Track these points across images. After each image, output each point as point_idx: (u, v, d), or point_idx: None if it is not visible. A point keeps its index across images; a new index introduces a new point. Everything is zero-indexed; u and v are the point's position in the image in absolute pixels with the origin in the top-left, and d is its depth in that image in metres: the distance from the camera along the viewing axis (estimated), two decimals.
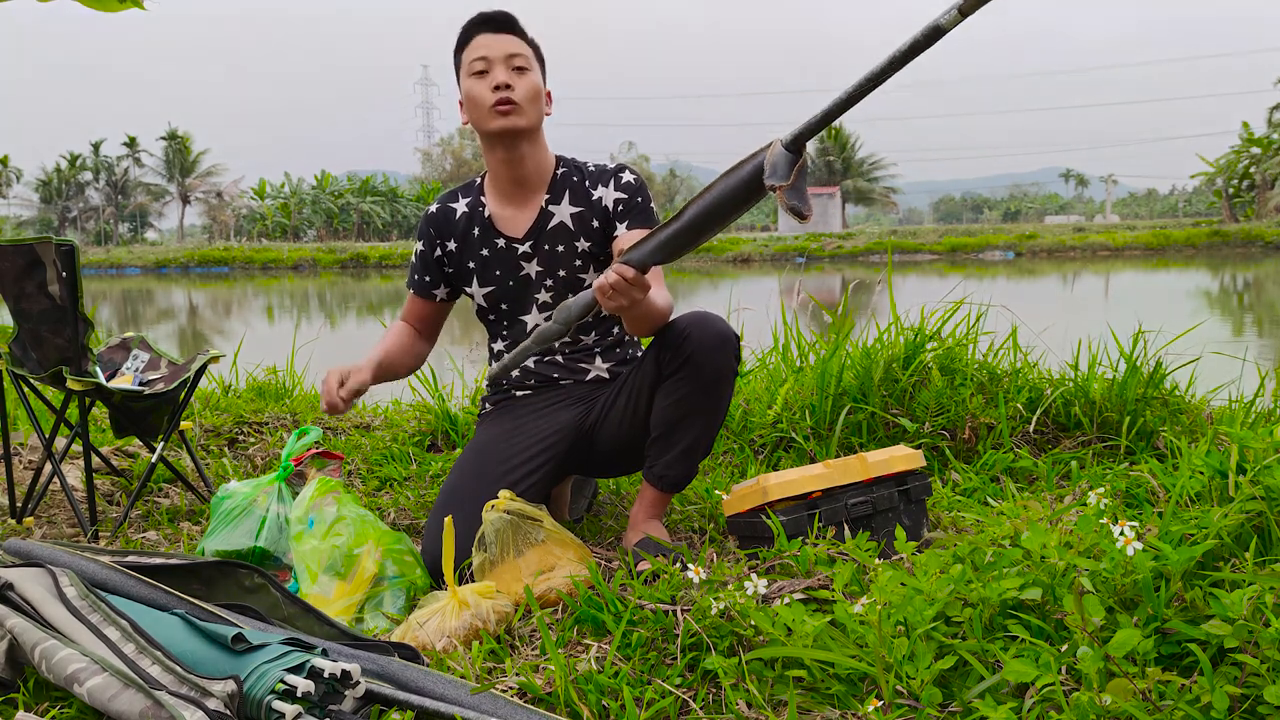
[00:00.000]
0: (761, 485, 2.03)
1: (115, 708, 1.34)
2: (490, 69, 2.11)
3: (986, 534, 1.69)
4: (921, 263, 32.84)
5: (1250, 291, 19.40)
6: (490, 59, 2.11)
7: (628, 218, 2.17)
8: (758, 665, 1.48)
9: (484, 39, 2.12)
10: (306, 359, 4.85)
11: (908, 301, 3.27)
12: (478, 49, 2.12)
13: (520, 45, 2.14)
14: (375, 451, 3.21)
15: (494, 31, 2.13)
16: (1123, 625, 1.32)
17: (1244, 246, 35.45)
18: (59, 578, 1.63)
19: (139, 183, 70.00)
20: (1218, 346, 3.21)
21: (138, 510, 2.71)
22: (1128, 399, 2.83)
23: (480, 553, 1.91)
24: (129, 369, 2.86)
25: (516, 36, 2.14)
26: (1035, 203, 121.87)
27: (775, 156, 1.51)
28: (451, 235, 2.28)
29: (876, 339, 3.12)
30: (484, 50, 2.11)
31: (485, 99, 2.10)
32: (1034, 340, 3.23)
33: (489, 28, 2.13)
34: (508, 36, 2.13)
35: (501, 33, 2.13)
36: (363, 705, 1.39)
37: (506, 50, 2.11)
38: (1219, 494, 1.85)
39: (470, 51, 2.13)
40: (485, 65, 2.11)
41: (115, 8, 2.40)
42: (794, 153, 1.49)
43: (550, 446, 2.17)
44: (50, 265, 2.41)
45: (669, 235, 1.69)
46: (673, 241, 1.69)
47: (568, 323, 1.88)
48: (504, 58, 2.11)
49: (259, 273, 39.72)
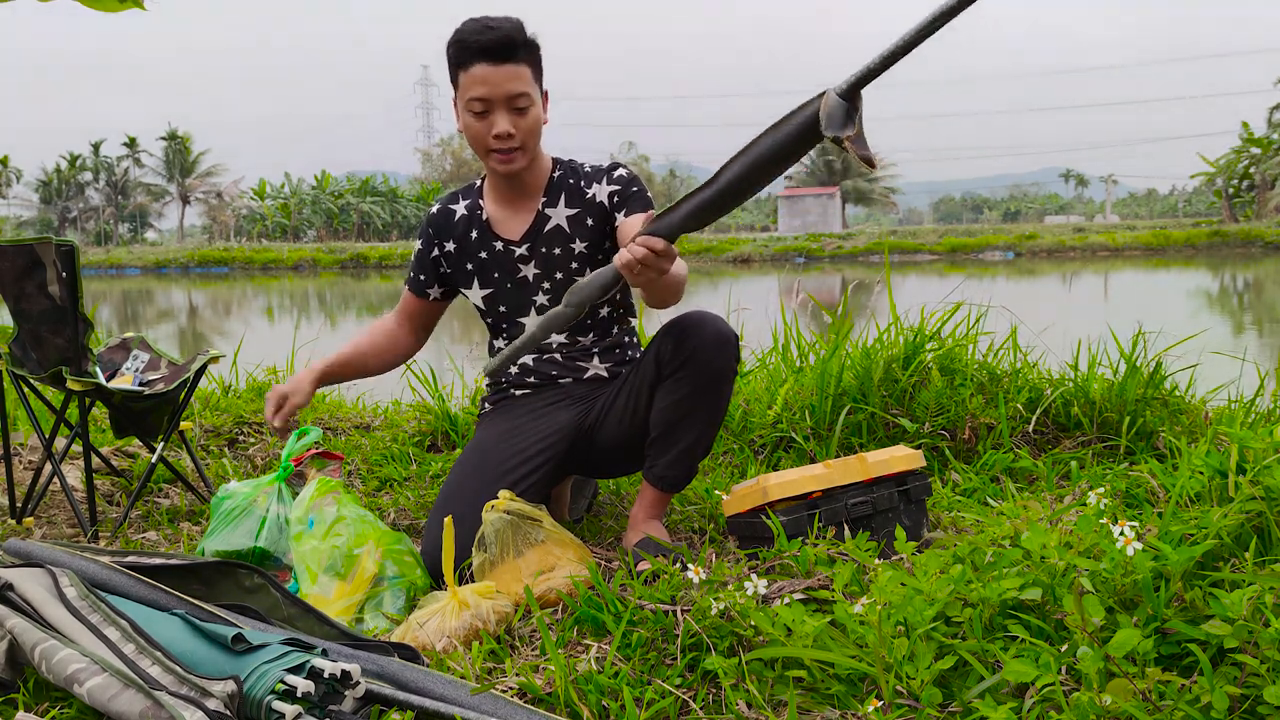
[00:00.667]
0: (761, 485, 2.03)
1: (115, 708, 1.34)
2: (490, 110, 2.02)
3: (986, 534, 1.69)
4: (921, 263, 32.84)
5: (1250, 292, 19.40)
6: (490, 99, 2.00)
7: (625, 205, 2.17)
8: (758, 665, 1.48)
9: (483, 71, 1.99)
10: (306, 359, 4.83)
11: (908, 302, 3.27)
12: (476, 84, 2.00)
13: (522, 77, 2.01)
14: (375, 452, 3.21)
15: (494, 62, 1.99)
16: (1123, 625, 1.32)
17: (1244, 246, 35.44)
18: (59, 578, 1.63)
19: (139, 183, 70.04)
20: (1217, 347, 3.21)
21: (138, 510, 2.71)
22: (1128, 399, 2.83)
23: (480, 553, 1.91)
24: (129, 369, 2.86)
25: (518, 64, 2.01)
26: (1035, 203, 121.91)
27: (831, 106, 1.45)
28: (450, 237, 2.28)
29: (876, 339, 3.12)
30: (483, 89, 2.00)
31: (485, 141, 2.06)
32: (1034, 340, 3.23)
33: (489, 58, 1.99)
34: (509, 67, 2.00)
35: (503, 63, 1.99)
36: (363, 705, 1.39)
37: (507, 89, 2.00)
38: (1219, 494, 1.85)
39: (468, 83, 2.01)
40: (484, 106, 2.02)
41: (115, 8, 2.40)
42: (850, 101, 1.45)
43: (550, 446, 2.17)
44: (50, 265, 2.41)
45: (704, 200, 1.62)
46: (709, 206, 1.63)
47: (581, 305, 1.79)
48: (504, 99, 2.00)
49: (259, 273, 39.71)
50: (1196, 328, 3.15)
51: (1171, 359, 2.96)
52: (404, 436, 3.38)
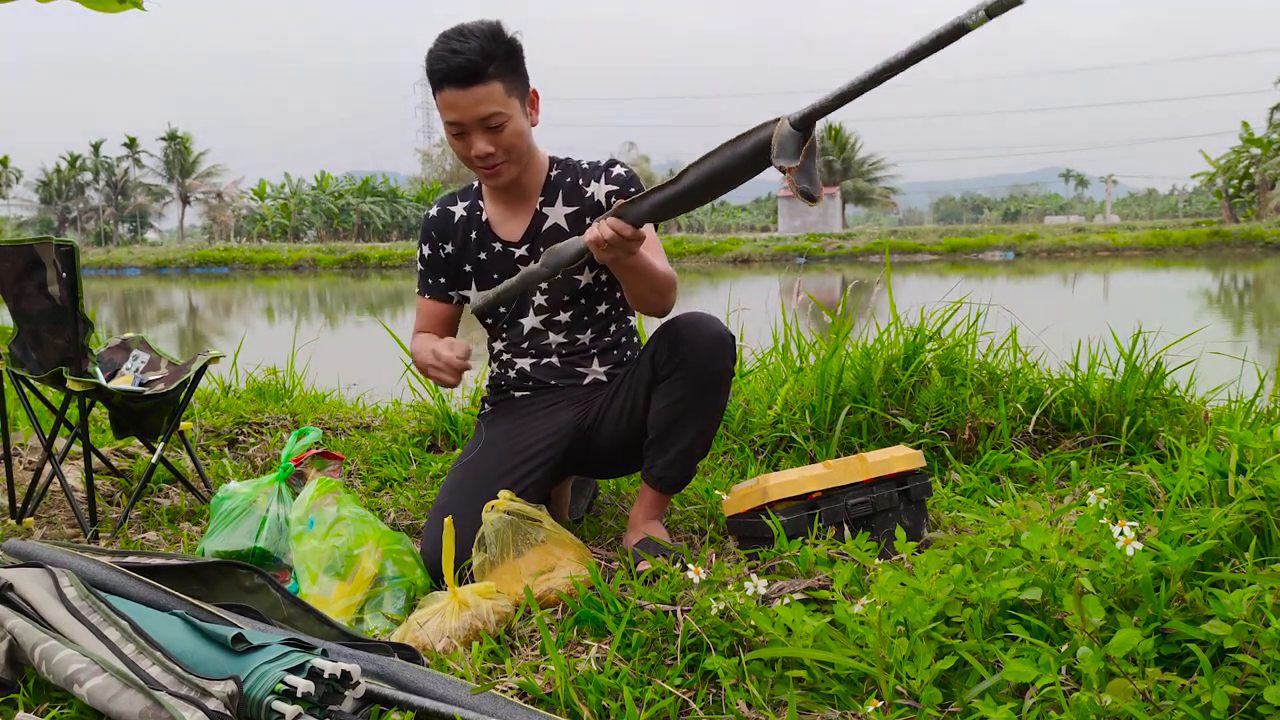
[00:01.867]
0: (761, 485, 2.03)
1: (115, 708, 1.34)
2: (465, 133, 2.02)
3: (986, 534, 1.69)
4: (921, 263, 32.84)
5: (1250, 292, 19.40)
6: (463, 123, 1.99)
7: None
8: (758, 665, 1.48)
9: (452, 95, 1.97)
10: (306, 359, 4.85)
11: (908, 302, 3.26)
12: (448, 108, 1.99)
13: (490, 97, 1.97)
14: (375, 452, 3.21)
15: (460, 87, 1.96)
16: (1123, 625, 1.32)
17: (1244, 247, 35.44)
18: (59, 578, 1.63)
19: (139, 183, 70.04)
20: (1217, 346, 3.21)
21: (138, 511, 2.71)
22: (1127, 399, 2.83)
23: (480, 553, 1.91)
24: (129, 369, 2.86)
25: (487, 85, 1.96)
26: (1035, 203, 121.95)
27: (783, 135, 1.47)
28: (450, 238, 2.28)
29: (876, 339, 3.11)
30: (454, 112, 1.98)
31: (468, 159, 2.07)
32: (1034, 340, 3.23)
33: (454, 84, 1.96)
34: (478, 89, 1.96)
35: (471, 85, 1.96)
36: (362, 706, 1.39)
37: (477, 113, 1.97)
38: (1219, 494, 1.85)
39: (441, 105, 2.01)
40: (458, 129, 2.02)
41: (115, 8, 2.40)
42: (802, 132, 1.46)
43: (549, 447, 2.17)
44: (50, 266, 2.41)
45: (666, 197, 1.69)
46: (669, 203, 1.70)
47: (555, 267, 1.88)
48: (476, 121, 1.99)
49: (259, 273, 39.72)
50: (1196, 328, 3.14)
51: (1171, 357, 2.96)
52: (404, 437, 3.38)
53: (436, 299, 2.30)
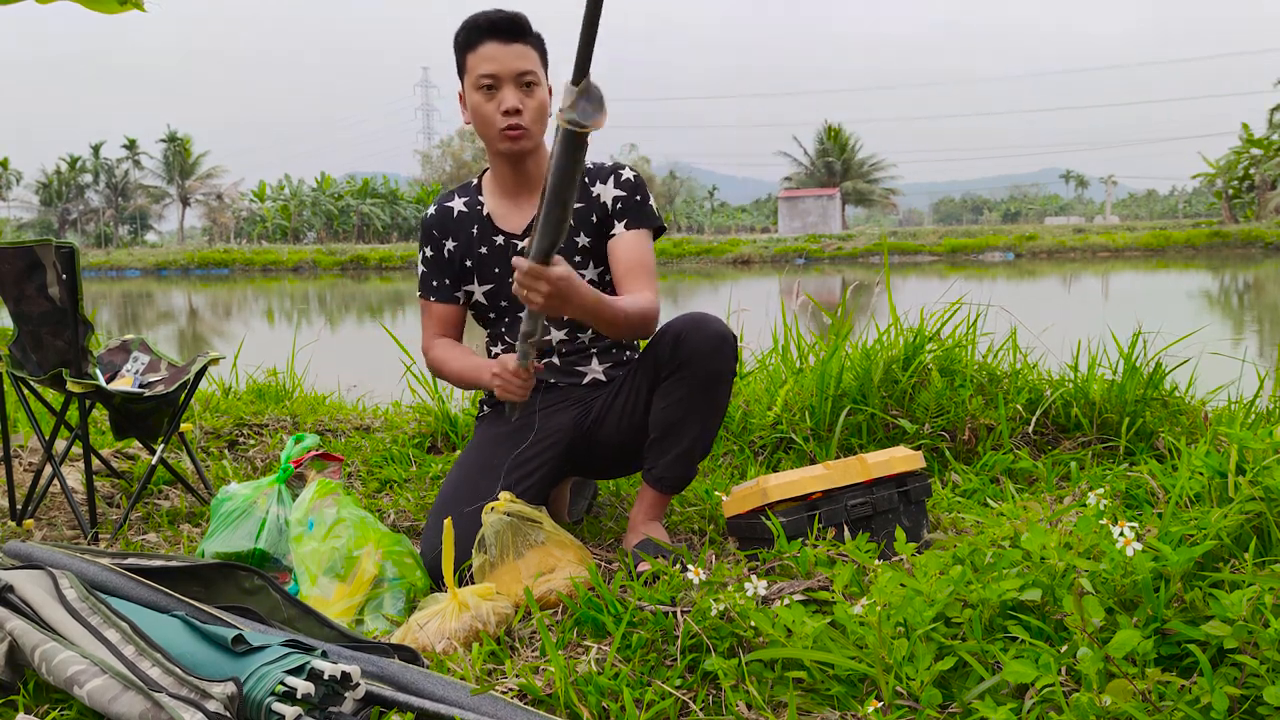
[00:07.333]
0: (761, 486, 2.03)
1: (115, 710, 1.34)
2: (499, 87, 2.04)
3: (986, 535, 1.69)
4: (921, 264, 32.85)
5: (1250, 292, 19.40)
6: (499, 76, 2.03)
7: (626, 216, 2.17)
8: (757, 666, 1.48)
9: (492, 49, 2.03)
10: (306, 361, 4.86)
11: (907, 303, 3.26)
12: (485, 61, 2.03)
13: (530, 56, 2.06)
14: (375, 453, 3.21)
15: (503, 40, 2.03)
16: (1122, 626, 1.32)
17: (1244, 247, 35.46)
18: (59, 580, 1.63)
19: (139, 185, 70.05)
20: (1217, 347, 3.21)
21: (138, 512, 2.71)
22: (1127, 400, 2.83)
23: (480, 554, 1.91)
24: (129, 371, 2.86)
25: (526, 45, 2.06)
26: (1035, 204, 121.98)
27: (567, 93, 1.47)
28: (450, 234, 2.27)
29: (876, 340, 3.11)
30: (493, 65, 2.03)
31: (494, 120, 2.07)
32: (1033, 341, 3.23)
33: (498, 36, 2.03)
34: (518, 46, 2.04)
35: (512, 41, 2.03)
36: (362, 707, 1.39)
37: (516, 67, 2.03)
38: (1218, 495, 1.85)
39: (477, 60, 2.05)
40: (494, 82, 2.04)
41: (115, 9, 2.40)
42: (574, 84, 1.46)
43: (549, 448, 2.17)
44: (50, 267, 2.41)
45: (541, 216, 1.61)
46: (546, 220, 1.60)
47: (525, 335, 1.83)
48: (513, 75, 2.04)
49: (259, 274, 39.74)
50: (1196, 329, 3.15)
51: (1170, 358, 2.96)
52: (404, 438, 3.38)
53: (444, 301, 2.29)
